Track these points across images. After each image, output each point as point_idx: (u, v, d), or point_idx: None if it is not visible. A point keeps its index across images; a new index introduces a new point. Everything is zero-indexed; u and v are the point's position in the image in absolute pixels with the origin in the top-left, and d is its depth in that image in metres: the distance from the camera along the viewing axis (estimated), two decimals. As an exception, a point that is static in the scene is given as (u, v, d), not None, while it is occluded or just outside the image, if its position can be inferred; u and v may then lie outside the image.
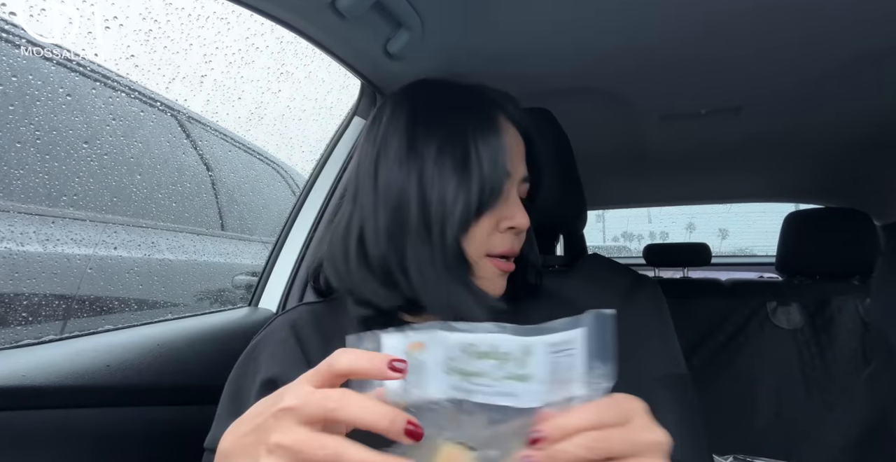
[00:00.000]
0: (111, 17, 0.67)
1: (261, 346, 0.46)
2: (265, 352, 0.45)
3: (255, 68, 0.94)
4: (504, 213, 0.45)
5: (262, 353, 0.45)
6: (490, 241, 0.44)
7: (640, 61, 0.88)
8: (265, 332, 0.48)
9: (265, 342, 0.47)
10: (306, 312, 0.49)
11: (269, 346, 0.46)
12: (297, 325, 0.47)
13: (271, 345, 0.46)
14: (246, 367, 0.45)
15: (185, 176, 1.08)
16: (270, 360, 0.44)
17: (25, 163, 0.70)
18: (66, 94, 0.73)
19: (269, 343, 0.46)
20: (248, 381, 0.44)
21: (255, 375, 0.43)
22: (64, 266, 0.74)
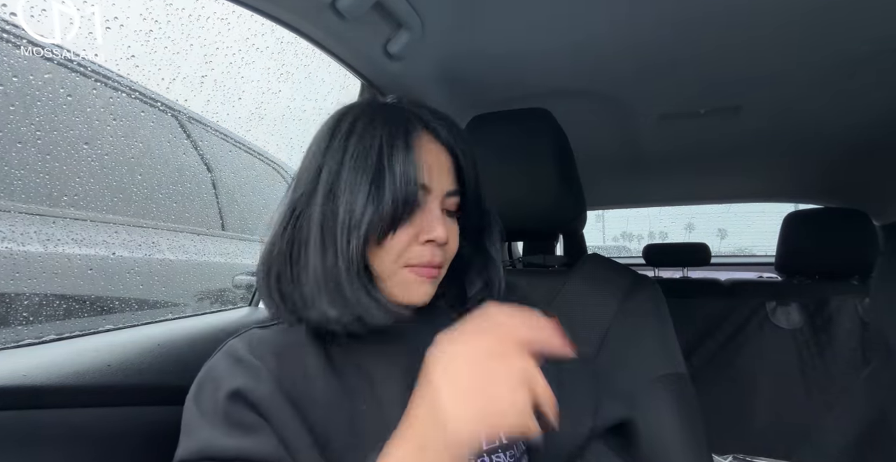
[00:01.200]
0: (112, 18, 0.67)
1: (215, 367, 0.48)
2: (221, 369, 0.47)
3: (256, 69, 0.94)
4: (423, 226, 0.46)
5: (218, 371, 0.47)
6: (408, 253, 0.46)
7: (639, 61, 0.88)
8: (216, 356, 0.50)
9: (218, 363, 0.48)
10: (257, 334, 0.52)
11: (225, 364, 0.47)
12: (251, 344, 0.49)
13: (228, 363, 0.47)
14: (202, 389, 0.46)
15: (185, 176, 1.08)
16: (230, 376, 0.45)
17: (26, 163, 0.70)
18: (66, 94, 0.74)
19: (224, 362, 0.48)
20: (208, 397, 0.44)
21: (216, 392, 0.44)
22: (65, 266, 0.74)
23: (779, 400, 1.32)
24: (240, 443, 0.40)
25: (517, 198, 0.73)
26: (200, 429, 0.42)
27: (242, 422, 0.42)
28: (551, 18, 0.76)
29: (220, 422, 0.42)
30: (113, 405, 0.57)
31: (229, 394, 0.43)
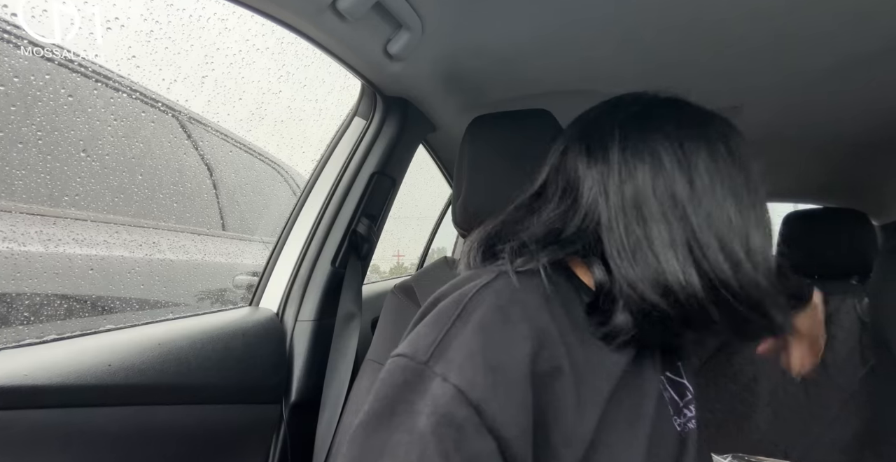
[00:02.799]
0: (112, 18, 0.67)
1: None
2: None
3: (256, 69, 0.94)
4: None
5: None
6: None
7: (639, 61, 0.88)
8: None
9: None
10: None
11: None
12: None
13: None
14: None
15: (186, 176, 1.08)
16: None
17: (27, 163, 0.70)
18: (67, 94, 0.74)
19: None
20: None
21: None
22: (66, 266, 0.74)
23: (778, 400, 1.32)
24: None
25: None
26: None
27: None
28: (551, 19, 0.76)
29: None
30: (113, 405, 0.58)
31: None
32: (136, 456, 0.61)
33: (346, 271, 0.96)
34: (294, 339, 0.88)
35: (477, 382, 0.36)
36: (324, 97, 1.06)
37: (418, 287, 0.73)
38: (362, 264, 1.00)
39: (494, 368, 0.38)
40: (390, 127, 0.98)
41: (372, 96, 0.96)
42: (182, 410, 0.66)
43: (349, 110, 0.99)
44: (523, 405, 0.37)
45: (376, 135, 0.97)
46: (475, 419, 0.35)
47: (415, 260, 1.82)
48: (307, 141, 1.10)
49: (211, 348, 0.71)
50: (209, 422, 0.70)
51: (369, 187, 0.96)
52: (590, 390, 0.42)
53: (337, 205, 0.94)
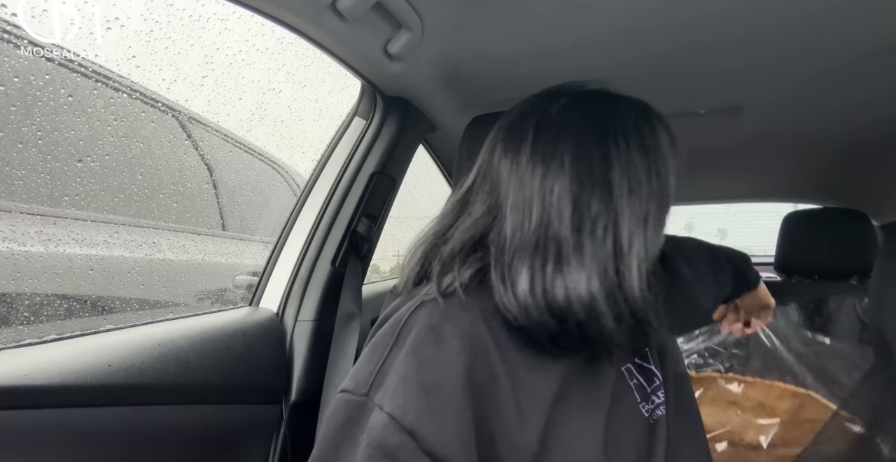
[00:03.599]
0: (112, 18, 0.67)
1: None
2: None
3: (256, 69, 0.94)
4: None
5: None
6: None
7: (638, 61, 0.88)
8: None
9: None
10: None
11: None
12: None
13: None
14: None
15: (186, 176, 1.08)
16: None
17: (27, 163, 0.70)
18: (67, 94, 0.74)
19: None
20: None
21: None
22: (66, 266, 0.74)
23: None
24: None
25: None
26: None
27: None
28: (551, 19, 0.76)
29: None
30: (113, 405, 0.58)
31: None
32: (136, 456, 0.61)
33: (346, 271, 0.96)
34: (294, 339, 0.88)
35: (409, 407, 0.36)
36: (324, 97, 1.06)
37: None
38: (362, 264, 1.00)
39: (428, 389, 0.37)
40: (390, 127, 0.98)
41: (372, 96, 0.96)
42: (182, 410, 0.66)
43: (349, 110, 0.99)
44: (461, 422, 0.37)
45: (376, 135, 0.97)
46: (410, 444, 0.35)
47: (415, 260, 1.81)
48: (307, 141, 1.10)
49: (211, 348, 0.71)
50: (209, 422, 0.70)
51: (369, 187, 0.96)
52: (531, 394, 0.41)
53: (337, 205, 0.94)
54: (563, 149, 0.43)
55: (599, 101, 0.47)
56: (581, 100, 0.47)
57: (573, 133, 0.44)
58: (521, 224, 0.43)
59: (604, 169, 0.43)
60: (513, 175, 0.44)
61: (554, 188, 0.42)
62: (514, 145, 0.46)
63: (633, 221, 0.43)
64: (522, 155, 0.44)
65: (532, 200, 0.43)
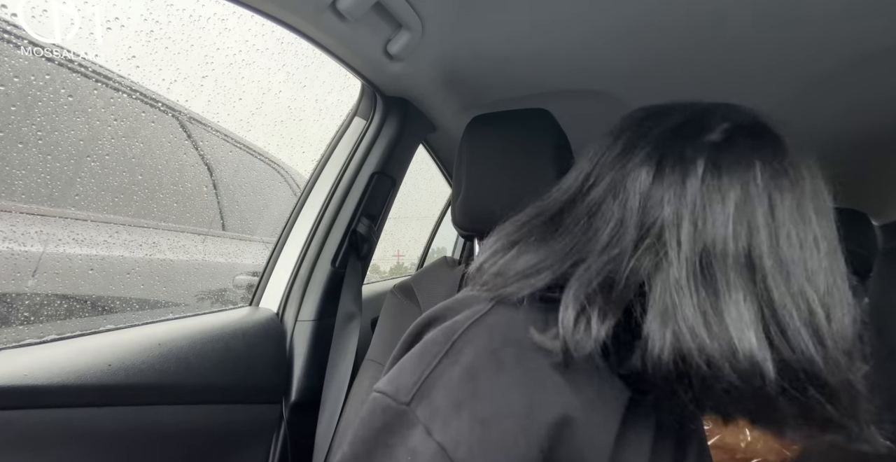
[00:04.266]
0: (112, 18, 0.67)
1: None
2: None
3: (256, 69, 0.94)
4: None
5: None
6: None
7: (639, 61, 0.88)
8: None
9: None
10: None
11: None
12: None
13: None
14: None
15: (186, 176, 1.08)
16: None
17: (27, 163, 0.70)
18: (67, 94, 0.74)
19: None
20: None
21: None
22: (66, 266, 0.74)
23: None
24: None
25: (517, 199, 0.73)
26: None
27: None
28: (551, 19, 0.76)
29: None
30: (113, 405, 0.58)
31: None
32: (136, 456, 0.61)
33: (346, 271, 0.96)
34: (294, 339, 0.88)
35: (462, 440, 0.33)
36: (324, 97, 1.06)
37: (418, 287, 0.73)
38: (362, 264, 1.00)
39: (484, 422, 0.34)
40: (390, 127, 0.98)
41: (372, 96, 0.96)
42: (182, 410, 0.66)
43: (349, 110, 0.99)
44: (518, 458, 0.33)
45: (376, 135, 0.97)
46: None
47: (415, 260, 1.82)
48: (307, 141, 1.10)
49: (211, 348, 0.71)
50: (209, 422, 0.70)
51: (369, 187, 0.96)
52: (610, 431, 0.36)
53: (337, 205, 0.94)
54: (748, 193, 0.38)
55: (769, 136, 0.42)
56: (749, 131, 0.41)
57: (753, 174, 0.38)
58: (685, 268, 0.36)
59: (794, 219, 0.38)
60: (683, 209, 0.38)
61: (743, 237, 0.37)
62: (681, 170, 0.39)
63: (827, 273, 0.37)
64: (689, 188, 0.38)
65: (712, 250, 0.36)
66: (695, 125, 0.43)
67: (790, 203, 0.38)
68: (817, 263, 0.37)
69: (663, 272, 0.36)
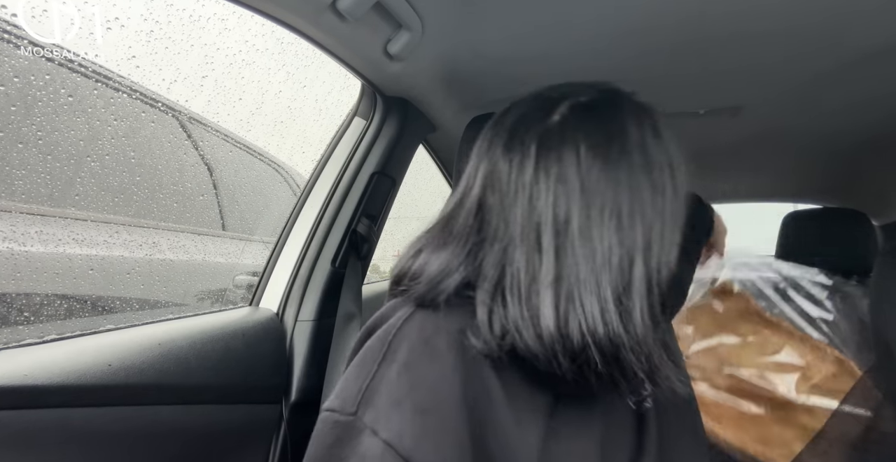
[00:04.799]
0: (112, 18, 0.67)
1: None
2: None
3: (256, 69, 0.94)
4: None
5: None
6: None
7: (639, 61, 0.88)
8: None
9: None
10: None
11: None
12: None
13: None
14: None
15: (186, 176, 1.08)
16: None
17: (27, 163, 0.70)
18: (67, 94, 0.74)
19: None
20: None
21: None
22: (66, 266, 0.74)
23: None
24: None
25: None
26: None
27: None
28: (551, 19, 0.76)
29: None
30: (113, 405, 0.58)
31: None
32: (136, 456, 0.61)
33: (346, 271, 0.96)
34: (294, 339, 0.88)
35: (405, 432, 0.35)
36: (324, 97, 1.06)
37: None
38: (362, 264, 1.00)
39: (425, 411, 0.36)
40: (390, 127, 0.98)
41: (372, 96, 0.96)
42: (182, 410, 0.66)
43: (349, 110, 0.99)
44: (459, 442, 0.36)
45: (376, 135, 0.97)
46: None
47: (415, 260, 1.81)
48: (307, 141, 1.10)
49: (211, 348, 0.71)
50: (209, 422, 0.70)
51: (369, 187, 0.96)
52: (528, 406, 0.39)
53: (337, 205, 0.94)
54: (567, 169, 0.39)
55: (601, 111, 0.43)
56: (583, 108, 0.42)
57: (576, 151, 0.40)
58: (534, 252, 0.39)
59: (612, 192, 0.39)
60: (520, 193, 0.40)
61: (561, 213, 0.39)
62: (518, 158, 0.41)
63: (642, 247, 0.39)
64: (526, 173, 0.40)
65: (542, 227, 0.39)
66: (539, 110, 0.44)
67: (611, 176, 0.39)
68: (633, 237, 0.38)
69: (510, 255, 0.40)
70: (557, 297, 0.37)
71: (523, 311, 0.37)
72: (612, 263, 0.38)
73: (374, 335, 0.42)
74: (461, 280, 0.41)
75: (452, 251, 0.42)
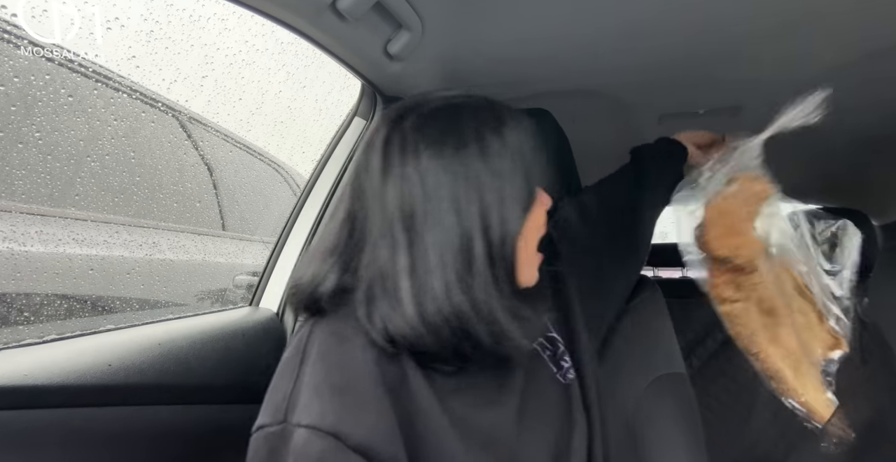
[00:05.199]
0: (112, 18, 0.67)
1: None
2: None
3: (256, 69, 0.94)
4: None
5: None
6: (536, 239, 0.47)
7: (639, 61, 0.88)
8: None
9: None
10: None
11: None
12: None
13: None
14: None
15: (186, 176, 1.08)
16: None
17: (27, 163, 0.70)
18: (67, 94, 0.74)
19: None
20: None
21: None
22: (66, 266, 0.75)
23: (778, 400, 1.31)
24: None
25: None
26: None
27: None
28: (552, 19, 0.76)
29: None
30: (113, 405, 0.58)
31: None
32: (137, 456, 0.61)
33: (346, 271, 0.96)
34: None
35: (326, 411, 0.37)
36: (324, 97, 1.06)
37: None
38: (362, 264, 1.00)
39: (342, 389, 0.38)
40: (390, 127, 0.97)
41: (372, 96, 0.96)
42: (182, 410, 0.66)
43: (349, 110, 0.99)
44: (383, 414, 0.38)
45: (376, 135, 0.97)
46: (335, 445, 0.35)
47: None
48: (307, 141, 1.10)
49: (211, 348, 0.71)
50: (209, 422, 0.70)
51: (369, 187, 0.96)
52: (442, 386, 0.42)
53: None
54: (407, 169, 0.43)
55: (441, 115, 0.46)
56: (425, 115, 0.46)
57: (415, 152, 0.44)
58: (391, 248, 0.43)
59: (450, 183, 0.42)
60: (375, 197, 0.44)
61: (407, 208, 0.42)
62: (371, 166, 0.45)
63: (481, 227, 0.42)
64: (375, 178, 0.44)
65: (394, 224, 0.42)
66: (392, 122, 0.47)
67: (448, 169, 0.43)
68: (470, 219, 0.42)
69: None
70: (413, 284, 0.41)
71: (391, 302, 0.41)
72: (454, 245, 0.41)
73: (290, 346, 0.45)
74: (335, 285, 0.44)
75: (325, 260, 0.45)
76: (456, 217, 0.42)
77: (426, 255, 0.41)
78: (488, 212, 0.42)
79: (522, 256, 0.45)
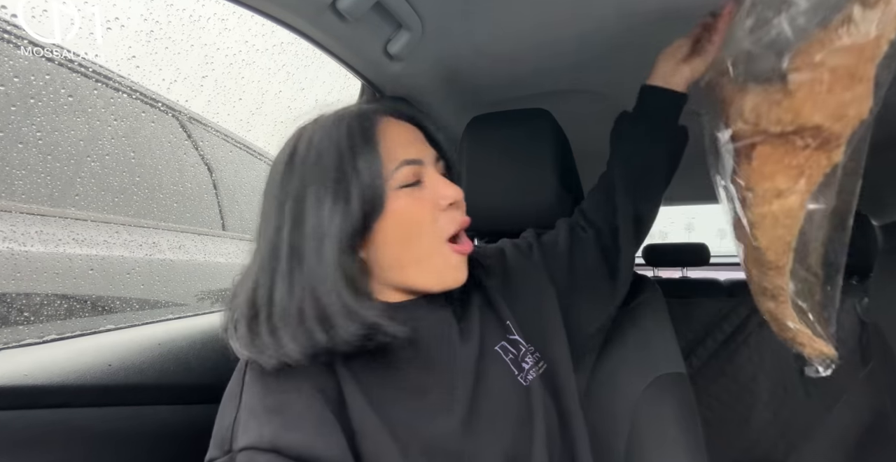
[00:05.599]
0: (112, 18, 0.67)
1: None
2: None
3: (256, 69, 0.94)
4: (437, 192, 0.47)
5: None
6: (441, 222, 0.47)
7: (639, 61, 0.88)
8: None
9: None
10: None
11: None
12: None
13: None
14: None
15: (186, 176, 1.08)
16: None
17: (27, 163, 0.70)
18: (67, 94, 0.74)
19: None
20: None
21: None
22: (66, 266, 0.75)
23: (777, 400, 1.32)
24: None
25: (516, 199, 0.73)
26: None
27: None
28: (552, 19, 0.76)
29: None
30: (113, 405, 0.58)
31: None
32: (137, 456, 0.61)
33: (346, 271, 0.96)
34: (294, 339, 0.88)
35: (264, 431, 0.38)
36: (324, 97, 1.06)
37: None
38: (362, 264, 1.00)
39: (277, 409, 0.39)
40: (390, 127, 0.97)
41: (372, 96, 0.96)
42: (182, 410, 0.66)
43: (349, 110, 0.99)
44: (322, 422, 0.39)
45: (376, 135, 0.97)
46: (276, 459, 0.36)
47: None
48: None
49: (211, 348, 0.71)
50: (209, 421, 0.70)
51: (369, 187, 0.96)
52: (380, 393, 0.43)
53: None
54: (284, 199, 0.47)
55: (319, 146, 0.48)
56: (311, 145, 0.49)
57: (289, 185, 0.47)
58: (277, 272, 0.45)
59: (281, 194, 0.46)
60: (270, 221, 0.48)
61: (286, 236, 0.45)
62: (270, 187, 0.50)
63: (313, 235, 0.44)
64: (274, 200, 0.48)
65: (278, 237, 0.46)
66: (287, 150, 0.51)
67: (315, 197, 0.44)
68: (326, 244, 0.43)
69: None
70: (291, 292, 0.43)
71: (285, 312, 0.42)
72: (313, 260, 0.43)
73: (233, 376, 0.47)
74: (249, 313, 0.45)
75: (248, 286, 0.47)
76: (313, 257, 0.44)
77: (301, 270, 0.44)
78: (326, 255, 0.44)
79: (385, 259, 0.45)
